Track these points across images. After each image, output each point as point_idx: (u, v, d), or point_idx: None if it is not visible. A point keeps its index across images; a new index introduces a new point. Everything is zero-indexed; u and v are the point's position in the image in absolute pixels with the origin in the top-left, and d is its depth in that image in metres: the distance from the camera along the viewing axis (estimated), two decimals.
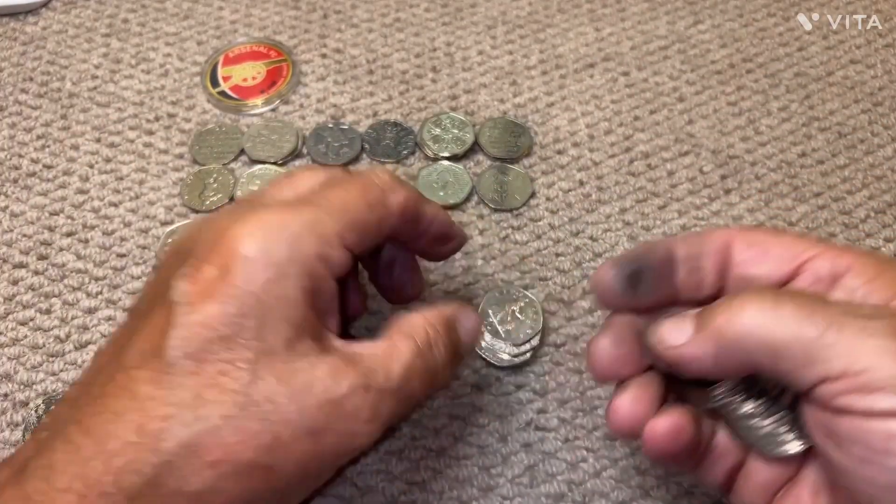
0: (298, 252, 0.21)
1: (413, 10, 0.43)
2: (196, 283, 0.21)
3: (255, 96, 0.39)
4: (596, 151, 0.38)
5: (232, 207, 0.24)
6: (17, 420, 0.30)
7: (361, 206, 0.23)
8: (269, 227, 0.21)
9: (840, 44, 0.42)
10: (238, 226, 0.21)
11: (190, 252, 0.22)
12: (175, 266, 0.22)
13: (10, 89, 0.40)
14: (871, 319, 0.20)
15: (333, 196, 0.23)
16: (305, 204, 0.22)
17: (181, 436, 0.20)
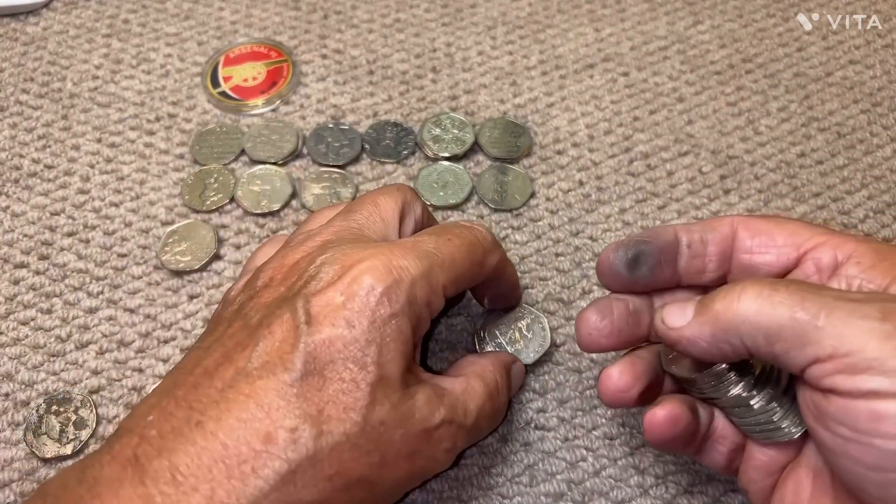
0: (414, 296, 0.23)
1: (413, 10, 0.43)
2: (322, 307, 0.22)
3: (256, 96, 0.39)
4: (596, 152, 0.38)
5: (341, 233, 0.26)
6: (18, 420, 0.30)
7: (466, 265, 0.25)
8: (393, 269, 0.23)
9: (839, 44, 0.42)
10: (366, 261, 0.23)
11: (312, 276, 0.23)
12: (294, 284, 0.24)
13: (11, 90, 0.40)
14: (861, 304, 0.20)
15: (445, 250, 0.25)
16: (422, 254, 0.24)
17: (307, 448, 0.21)
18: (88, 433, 0.30)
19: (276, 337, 0.22)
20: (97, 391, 0.31)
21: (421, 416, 0.23)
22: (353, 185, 0.36)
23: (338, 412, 0.22)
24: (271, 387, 0.21)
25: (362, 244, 0.24)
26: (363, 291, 0.22)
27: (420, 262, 0.24)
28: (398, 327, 0.23)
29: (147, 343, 0.32)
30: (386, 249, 0.24)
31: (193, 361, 0.23)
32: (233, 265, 0.34)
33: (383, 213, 0.27)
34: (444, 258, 0.24)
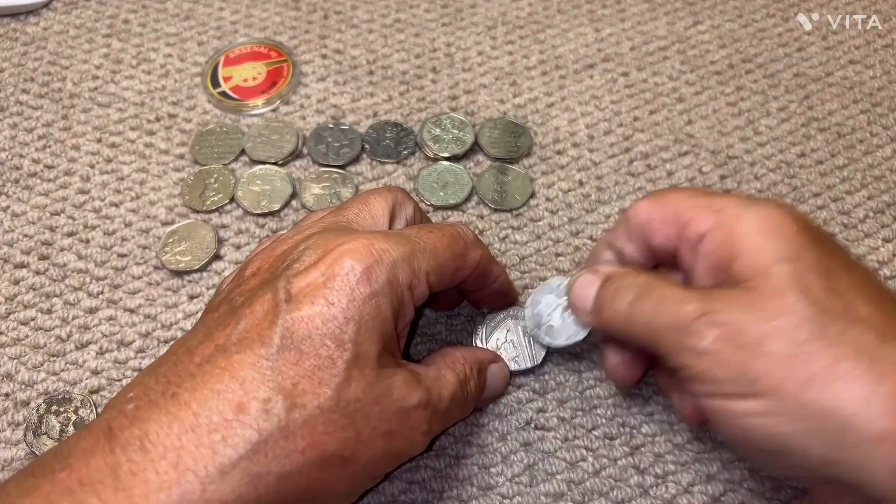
0: (395, 276, 0.24)
1: (413, 10, 0.43)
2: (302, 287, 0.23)
3: (256, 97, 0.39)
4: (595, 152, 0.38)
5: (329, 226, 0.26)
6: (18, 419, 0.30)
7: (448, 255, 0.26)
8: (374, 251, 0.24)
9: (839, 44, 0.42)
10: (347, 244, 0.24)
11: (295, 259, 0.24)
12: (278, 269, 0.24)
13: (12, 90, 0.40)
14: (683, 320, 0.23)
15: (427, 239, 0.26)
16: (403, 239, 0.25)
17: (279, 419, 0.21)
18: None
19: (256, 315, 0.23)
20: (97, 391, 0.31)
21: (398, 395, 0.24)
22: (353, 186, 0.36)
23: (312, 386, 0.22)
24: (247, 360, 0.22)
25: (344, 233, 0.25)
26: (343, 271, 0.23)
27: (401, 247, 0.24)
28: (377, 306, 0.23)
29: (147, 343, 0.32)
30: (368, 234, 0.24)
31: (178, 343, 0.24)
32: (233, 265, 0.34)
33: (373, 210, 0.27)
34: (426, 246, 0.25)
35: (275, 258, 0.25)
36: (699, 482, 0.29)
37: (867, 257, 0.34)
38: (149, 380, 0.23)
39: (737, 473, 0.29)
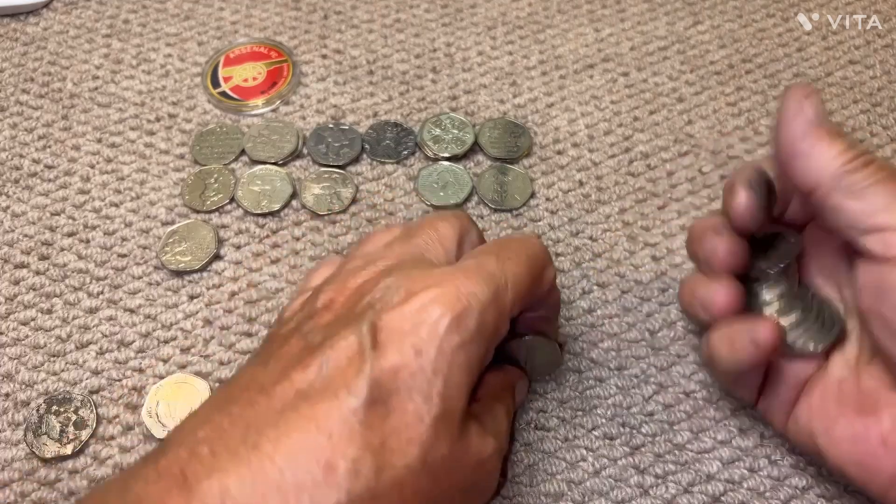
0: (484, 324, 0.22)
1: (413, 10, 0.43)
2: (388, 333, 0.21)
3: (256, 97, 0.40)
4: (595, 152, 0.38)
5: (404, 258, 0.25)
6: (18, 420, 0.30)
7: (528, 281, 0.24)
8: (462, 296, 0.22)
9: (839, 44, 0.42)
10: (434, 288, 0.22)
11: (378, 299, 0.23)
12: (356, 305, 0.23)
13: (12, 90, 0.40)
14: None
15: (508, 269, 0.24)
16: (488, 276, 0.23)
17: (367, 480, 0.20)
18: (88, 433, 0.30)
19: (340, 358, 0.21)
20: (97, 391, 0.31)
21: (475, 449, 0.23)
22: (354, 186, 0.36)
23: (400, 445, 0.21)
24: (335, 412, 0.20)
25: (426, 269, 0.24)
26: (431, 319, 0.21)
27: (488, 287, 0.23)
28: (466, 358, 0.22)
29: (147, 343, 0.32)
30: (452, 275, 0.23)
31: (248, 377, 0.22)
32: (233, 265, 0.34)
33: (443, 239, 0.26)
34: (508, 278, 0.23)
35: (351, 291, 0.24)
36: (699, 482, 0.29)
37: None
38: (221, 418, 0.21)
39: (736, 473, 0.29)
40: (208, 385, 0.31)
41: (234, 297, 0.33)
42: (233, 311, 0.33)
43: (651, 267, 0.34)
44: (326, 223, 0.35)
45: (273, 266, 0.34)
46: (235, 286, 0.34)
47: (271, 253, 0.35)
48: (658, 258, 0.34)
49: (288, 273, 0.34)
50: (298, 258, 0.34)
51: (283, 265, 0.34)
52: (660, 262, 0.34)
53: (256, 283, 0.34)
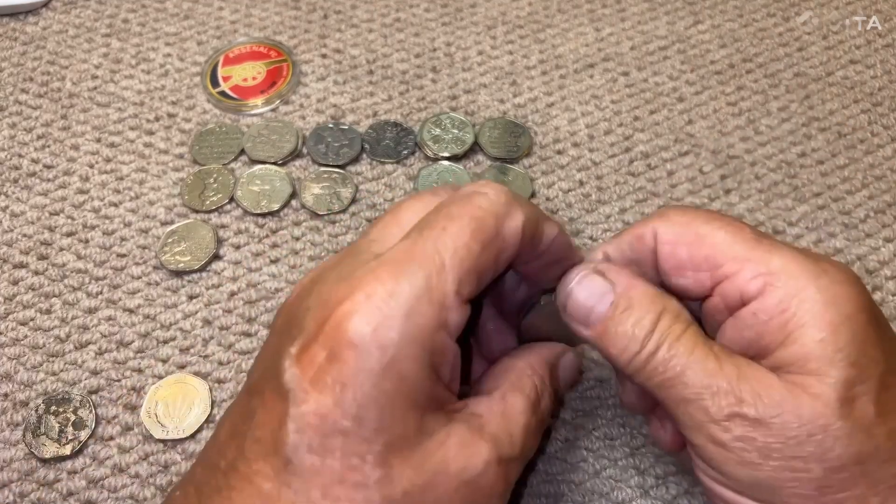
0: (416, 327, 0.19)
1: (413, 10, 0.43)
2: (306, 368, 0.19)
3: (255, 96, 0.39)
4: (596, 151, 0.38)
5: (339, 261, 0.22)
6: (17, 420, 0.30)
7: (476, 249, 0.20)
8: (379, 301, 0.19)
9: (840, 44, 0.42)
10: (347, 301, 0.19)
11: (299, 323, 0.20)
12: (285, 335, 0.20)
13: (11, 89, 0.40)
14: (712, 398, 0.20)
15: (444, 242, 0.20)
16: (414, 260, 0.20)
17: None
18: (87, 433, 0.30)
19: (266, 409, 0.19)
20: (96, 391, 0.31)
21: (457, 466, 0.20)
22: (353, 186, 0.36)
23: (346, 492, 0.18)
24: (267, 473, 0.19)
25: (348, 272, 0.20)
26: (346, 340, 0.19)
27: (412, 281, 0.19)
28: (399, 376, 0.19)
29: (146, 343, 0.32)
30: (368, 277, 0.19)
31: (221, 423, 0.22)
32: (232, 265, 0.34)
33: (401, 220, 0.22)
34: (446, 256, 0.20)
35: (288, 307, 0.22)
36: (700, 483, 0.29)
37: (868, 257, 0.34)
38: (188, 487, 0.20)
39: None
40: (207, 385, 0.31)
41: (234, 297, 0.33)
42: (232, 311, 0.33)
43: None
44: (326, 223, 0.35)
45: (272, 266, 0.34)
46: (235, 286, 0.33)
47: (271, 253, 0.34)
48: None
49: (287, 273, 0.34)
50: (298, 258, 0.34)
51: (282, 265, 0.34)
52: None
53: (256, 283, 0.34)
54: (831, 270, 0.21)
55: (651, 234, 0.23)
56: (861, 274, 0.34)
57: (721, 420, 0.20)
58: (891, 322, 0.33)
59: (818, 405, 0.19)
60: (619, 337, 0.21)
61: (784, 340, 0.20)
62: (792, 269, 0.21)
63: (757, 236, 0.22)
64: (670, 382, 0.21)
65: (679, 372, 0.20)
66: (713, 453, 0.20)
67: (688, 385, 0.20)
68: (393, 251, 0.20)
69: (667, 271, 0.23)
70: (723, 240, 0.22)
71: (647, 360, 0.21)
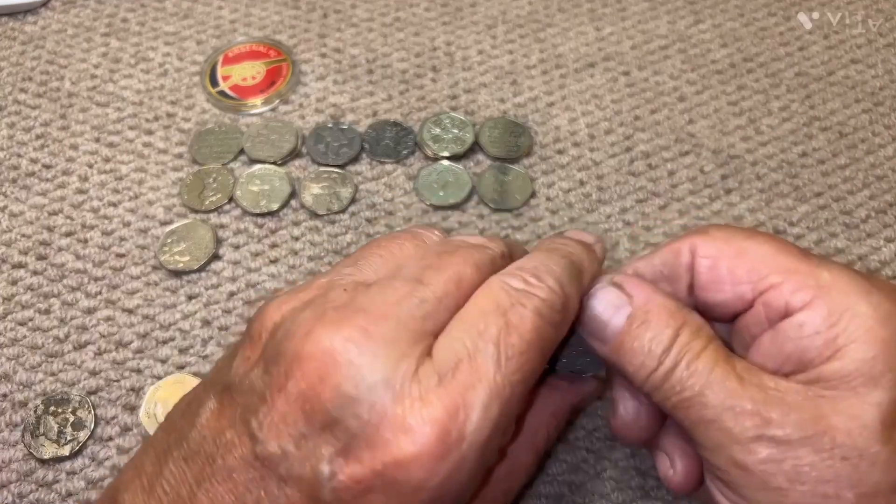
0: (477, 472, 0.18)
1: (413, 9, 0.43)
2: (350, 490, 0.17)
3: (255, 96, 0.39)
4: (596, 151, 0.38)
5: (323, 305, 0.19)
6: (16, 420, 0.30)
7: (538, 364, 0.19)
8: (452, 444, 0.17)
9: (841, 43, 0.42)
10: (409, 442, 0.17)
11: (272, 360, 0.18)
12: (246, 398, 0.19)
13: (9, 89, 0.40)
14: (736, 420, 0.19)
15: (512, 368, 0.18)
16: (485, 388, 0.18)
17: None
18: (87, 434, 0.29)
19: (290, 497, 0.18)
20: (95, 392, 0.31)
21: None
22: (353, 185, 0.36)
23: None
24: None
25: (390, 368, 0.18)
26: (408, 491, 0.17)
27: (486, 420, 0.18)
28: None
29: (145, 344, 0.32)
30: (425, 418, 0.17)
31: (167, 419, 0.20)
32: (231, 265, 0.34)
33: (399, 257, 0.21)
34: (513, 385, 0.18)
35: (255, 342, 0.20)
36: None
37: (869, 257, 0.34)
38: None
39: None
40: None
41: (233, 298, 0.33)
42: (231, 311, 0.33)
43: None
44: (325, 223, 0.35)
45: (272, 266, 0.34)
46: (234, 286, 0.33)
47: (270, 253, 0.34)
48: None
49: (287, 273, 0.34)
50: (297, 258, 0.34)
51: (281, 265, 0.34)
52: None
53: (255, 284, 0.33)
54: (884, 288, 0.20)
55: (688, 249, 0.22)
56: None
57: (745, 442, 0.19)
58: None
59: (855, 427, 0.18)
60: (635, 352, 0.20)
61: (831, 356, 0.19)
62: (842, 283, 0.20)
63: (803, 251, 0.21)
64: (688, 402, 0.20)
65: (698, 391, 0.19)
66: (736, 477, 0.19)
67: (707, 405, 0.19)
68: (454, 376, 0.18)
69: (704, 286, 0.22)
70: (768, 252, 0.21)
71: (664, 378, 0.20)
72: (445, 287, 0.19)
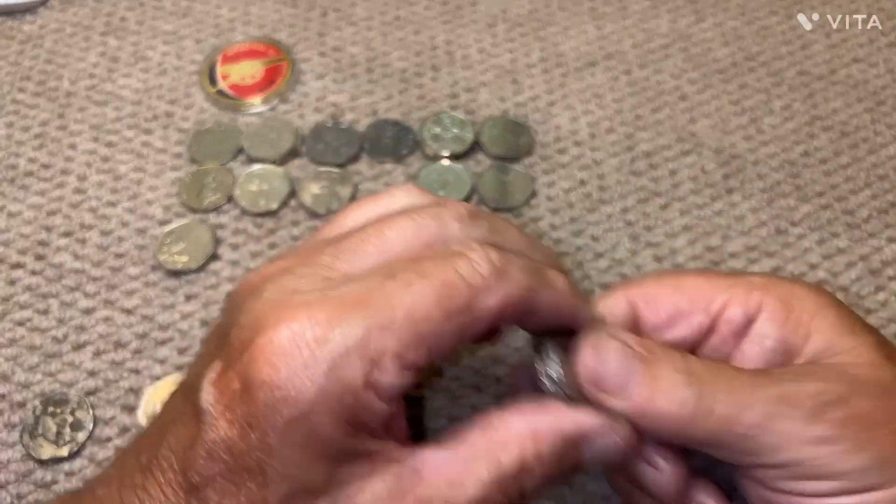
0: (336, 382, 0.17)
1: (413, 7, 0.43)
2: (222, 394, 0.18)
3: (254, 95, 0.39)
4: (597, 150, 0.37)
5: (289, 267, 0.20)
6: (14, 421, 0.30)
7: (435, 316, 0.18)
8: (303, 344, 0.17)
9: (842, 42, 0.42)
10: (271, 331, 0.18)
11: (227, 337, 0.19)
12: (216, 342, 0.20)
13: (8, 88, 0.40)
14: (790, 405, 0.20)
15: (401, 299, 0.18)
16: (361, 308, 0.18)
17: None
18: (85, 435, 0.29)
19: (184, 423, 0.19)
20: (94, 392, 0.31)
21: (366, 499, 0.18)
22: (352, 185, 0.36)
23: None
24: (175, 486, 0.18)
25: (288, 292, 0.19)
26: (259, 381, 0.17)
27: (351, 330, 0.17)
28: (308, 428, 0.17)
29: (144, 344, 0.32)
30: (302, 311, 0.18)
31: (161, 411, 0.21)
32: (230, 265, 0.34)
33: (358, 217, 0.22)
34: (399, 315, 0.18)
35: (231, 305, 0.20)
36: None
37: (871, 257, 0.34)
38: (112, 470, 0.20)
39: None
40: None
41: None
42: None
43: (654, 267, 0.34)
44: (325, 222, 0.35)
45: None
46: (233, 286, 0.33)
47: (269, 253, 0.34)
48: (661, 258, 0.34)
49: None
50: None
51: None
52: (662, 261, 0.34)
53: None
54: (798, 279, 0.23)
55: (624, 301, 0.22)
56: (864, 274, 0.34)
57: (814, 416, 0.19)
58: (894, 322, 0.32)
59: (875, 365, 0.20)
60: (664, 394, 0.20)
61: (807, 333, 0.21)
62: (773, 281, 0.22)
63: (722, 273, 0.23)
64: (738, 417, 0.19)
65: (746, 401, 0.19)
66: (823, 456, 0.19)
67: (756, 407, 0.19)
68: (343, 290, 0.18)
69: (658, 327, 0.22)
70: (699, 282, 0.23)
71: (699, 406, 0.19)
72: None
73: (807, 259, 0.34)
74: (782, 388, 0.20)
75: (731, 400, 0.19)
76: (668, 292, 0.23)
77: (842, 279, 0.33)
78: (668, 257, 0.34)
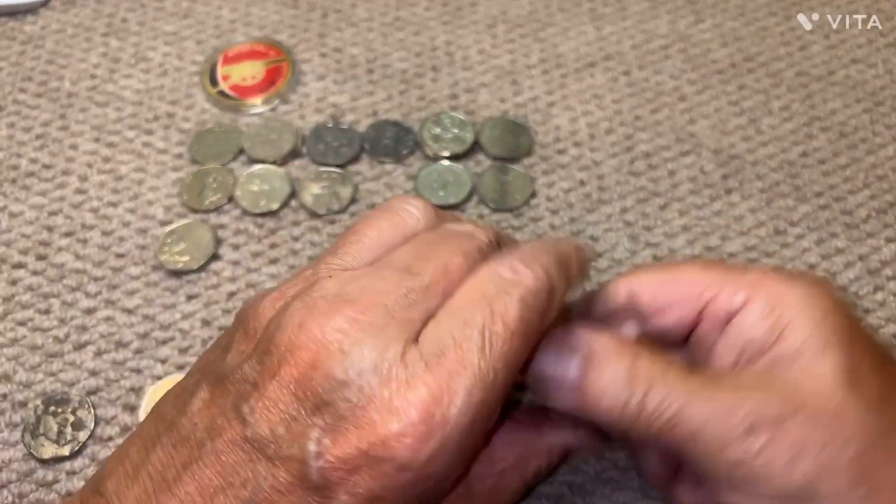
0: (466, 450, 0.19)
1: (413, 8, 0.43)
2: (336, 471, 0.18)
3: (255, 96, 0.39)
4: (597, 151, 0.38)
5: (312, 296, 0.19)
6: (15, 420, 0.30)
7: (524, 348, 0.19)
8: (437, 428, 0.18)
9: (841, 43, 0.42)
10: (395, 423, 0.17)
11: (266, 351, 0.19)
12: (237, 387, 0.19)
13: (9, 89, 0.40)
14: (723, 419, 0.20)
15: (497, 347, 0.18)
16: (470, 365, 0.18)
17: None
18: (86, 434, 0.29)
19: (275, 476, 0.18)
20: (95, 392, 0.31)
21: None
22: (353, 185, 0.36)
23: None
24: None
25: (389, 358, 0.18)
26: (397, 465, 0.17)
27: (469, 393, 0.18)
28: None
29: (145, 344, 0.32)
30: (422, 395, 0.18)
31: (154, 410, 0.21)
32: (231, 265, 0.34)
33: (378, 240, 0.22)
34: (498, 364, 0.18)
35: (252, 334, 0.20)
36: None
37: (870, 257, 0.34)
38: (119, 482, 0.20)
39: None
40: None
41: (233, 298, 0.33)
42: (231, 311, 0.33)
43: None
44: (325, 223, 0.35)
45: (272, 266, 0.34)
46: (234, 286, 0.33)
47: (270, 253, 0.34)
48: (660, 258, 0.34)
49: (287, 273, 0.34)
50: (297, 258, 0.34)
51: (281, 265, 0.34)
52: (661, 261, 0.34)
53: (255, 284, 0.33)
54: (804, 278, 0.23)
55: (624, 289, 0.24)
56: (862, 274, 0.34)
57: (740, 438, 0.20)
58: (892, 322, 0.32)
59: (821, 386, 0.20)
60: (600, 396, 0.21)
61: (778, 338, 0.21)
62: (768, 279, 0.22)
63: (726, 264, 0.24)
64: (671, 423, 0.20)
65: (677, 409, 0.20)
66: (743, 474, 0.20)
67: (691, 419, 0.20)
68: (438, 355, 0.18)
69: (652, 314, 0.23)
70: (697, 272, 0.23)
71: (639, 409, 0.20)
72: (433, 276, 0.20)
73: (805, 259, 0.34)
74: (720, 400, 0.20)
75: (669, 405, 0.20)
76: (665, 281, 0.24)
77: (840, 279, 0.34)
78: (667, 257, 0.34)
